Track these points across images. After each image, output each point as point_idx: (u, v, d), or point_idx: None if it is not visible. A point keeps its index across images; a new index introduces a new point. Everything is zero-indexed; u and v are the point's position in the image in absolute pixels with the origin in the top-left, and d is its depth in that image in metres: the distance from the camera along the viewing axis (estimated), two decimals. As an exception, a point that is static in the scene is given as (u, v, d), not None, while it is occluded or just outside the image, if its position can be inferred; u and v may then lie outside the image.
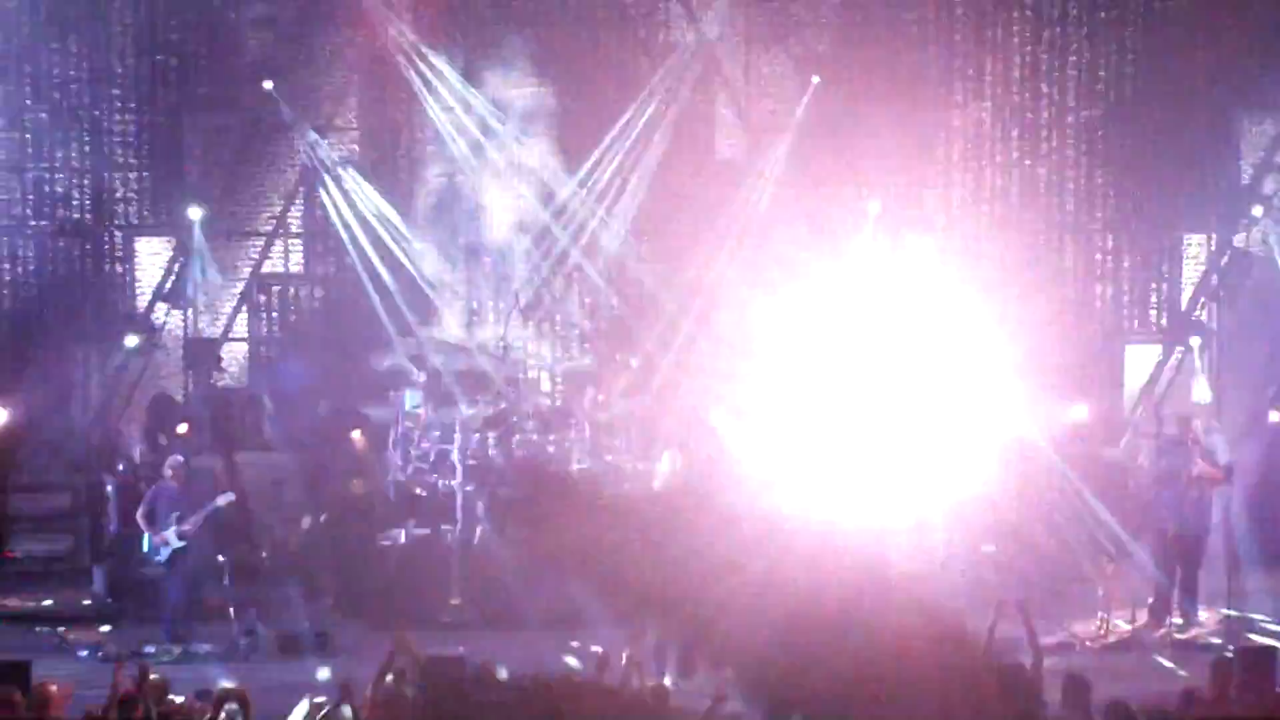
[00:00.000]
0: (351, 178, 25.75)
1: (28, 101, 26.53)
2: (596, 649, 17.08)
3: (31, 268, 26.50)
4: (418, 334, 25.01)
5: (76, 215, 26.86)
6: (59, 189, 26.70)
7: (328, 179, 25.99)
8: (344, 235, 25.75)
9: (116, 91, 26.69)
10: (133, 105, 26.82)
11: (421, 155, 26.28)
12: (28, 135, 26.45)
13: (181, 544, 21.01)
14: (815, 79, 26.51)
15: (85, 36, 26.43)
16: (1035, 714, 13.88)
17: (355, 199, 25.57)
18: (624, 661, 15.38)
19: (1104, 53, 27.20)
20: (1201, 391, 25.79)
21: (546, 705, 13.33)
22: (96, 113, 26.70)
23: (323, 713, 14.81)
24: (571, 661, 17.73)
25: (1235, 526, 22.47)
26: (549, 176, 25.73)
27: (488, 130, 25.69)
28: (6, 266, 26.55)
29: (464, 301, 25.47)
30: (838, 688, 9.15)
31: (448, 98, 25.67)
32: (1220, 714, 14.46)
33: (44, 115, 26.53)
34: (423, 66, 26.13)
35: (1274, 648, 17.09)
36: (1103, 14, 27.05)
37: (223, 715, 14.00)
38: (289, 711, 15.38)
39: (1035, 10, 27.38)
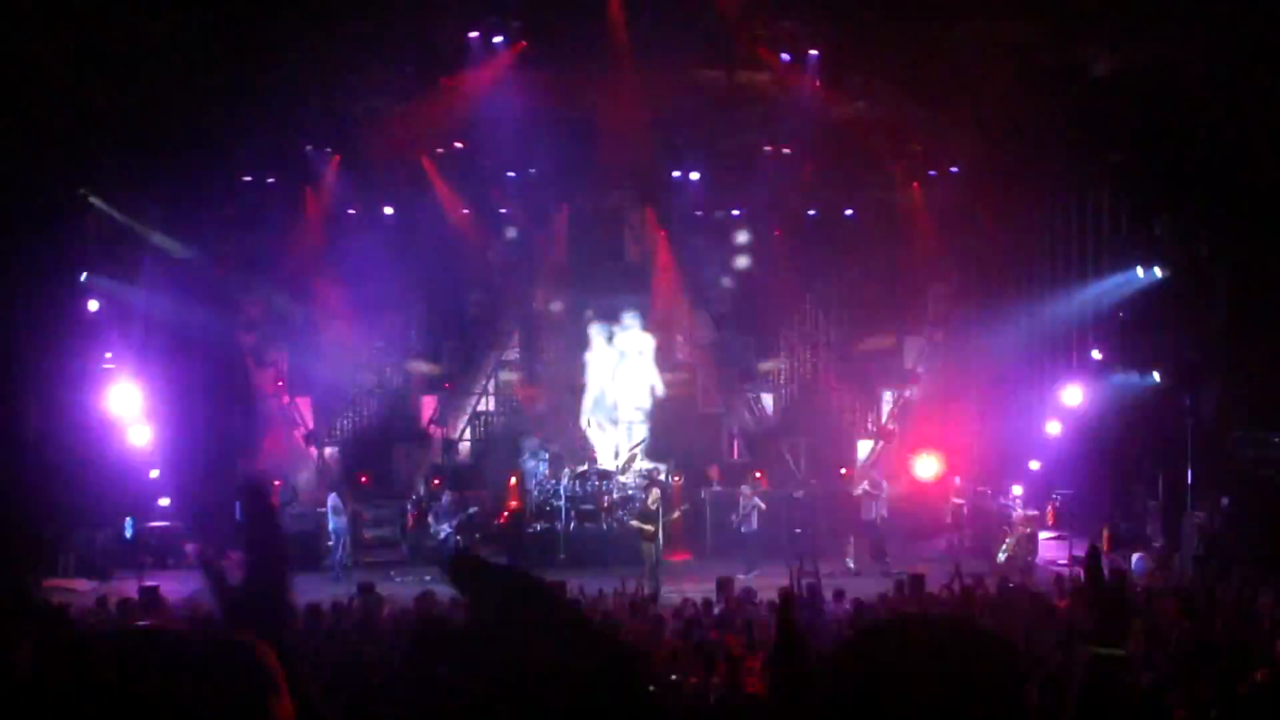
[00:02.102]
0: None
1: (375, 336, 26.48)
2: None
3: (375, 410, 26.44)
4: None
5: (397, 383, 26.88)
6: (388, 373, 26.71)
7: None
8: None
9: (413, 330, 26.81)
10: (419, 334, 26.80)
11: (566, 365, 25.67)
12: (375, 350, 26.55)
13: (450, 530, 21.24)
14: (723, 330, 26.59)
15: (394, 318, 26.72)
16: (820, 607, 14.08)
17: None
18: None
19: (837, 311, 27.19)
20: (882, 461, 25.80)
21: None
22: (405, 343, 26.73)
23: None
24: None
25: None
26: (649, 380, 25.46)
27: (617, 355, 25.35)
28: (365, 410, 26.54)
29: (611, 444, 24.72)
30: None
31: (595, 344, 25.25)
32: (899, 606, 14.65)
33: (381, 344, 26.60)
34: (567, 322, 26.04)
35: (921, 575, 17.26)
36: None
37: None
38: None
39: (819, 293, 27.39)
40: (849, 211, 25.75)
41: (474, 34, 21.43)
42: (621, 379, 24.97)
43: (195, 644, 1.99)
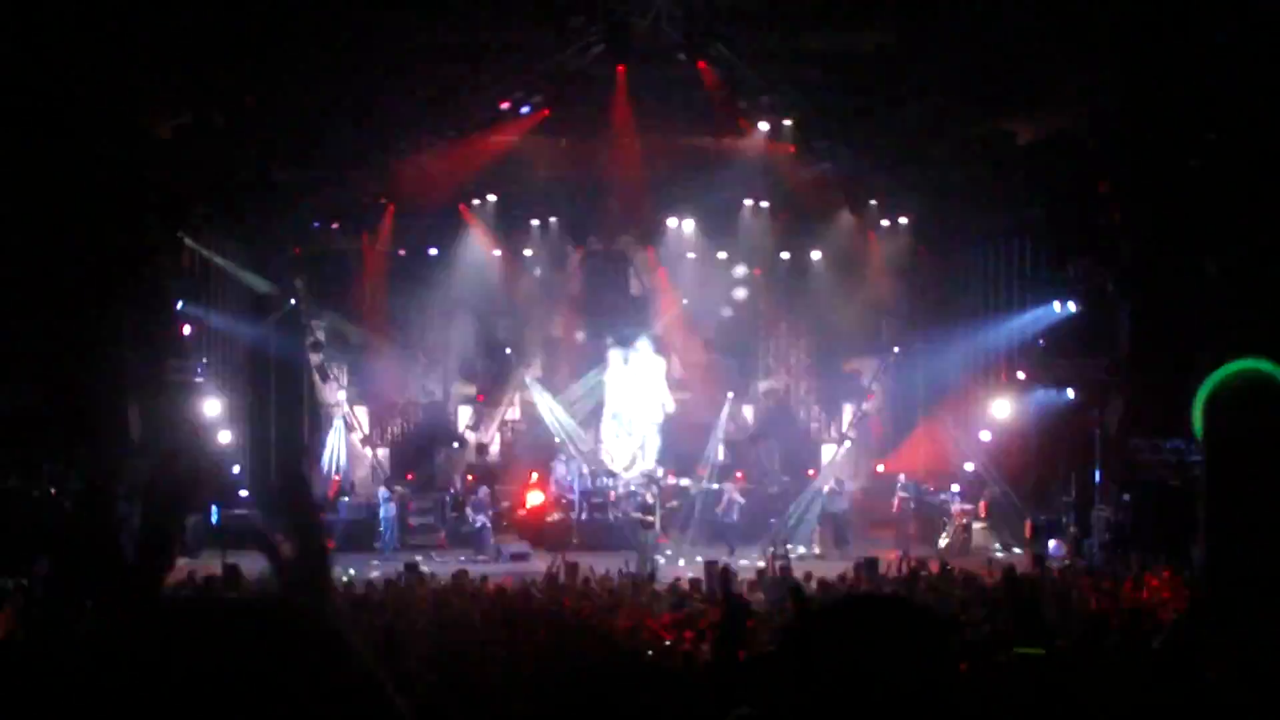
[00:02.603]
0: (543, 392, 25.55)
1: (420, 355, 26.43)
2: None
3: (420, 418, 26.16)
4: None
5: (439, 396, 26.75)
6: (432, 388, 26.71)
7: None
8: (542, 414, 25.32)
9: (452, 351, 26.52)
10: (456, 354, 26.57)
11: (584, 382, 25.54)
12: (420, 367, 26.51)
13: (485, 520, 21.27)
14: (711, 353, 26.55)
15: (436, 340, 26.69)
16: (792, 579, 14.12)
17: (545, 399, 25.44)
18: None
19: (805, 337, 27.33)
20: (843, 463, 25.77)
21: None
22: (444, 361, 26.50)
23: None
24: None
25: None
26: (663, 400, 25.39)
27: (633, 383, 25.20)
28: (411, 418, 26.38)
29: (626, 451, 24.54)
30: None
31: (613, 365, 25.22)
32: (856, 584, 14.76)
33: (425, 362, 26.49)
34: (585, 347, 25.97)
35: (875, 558, 17.37)
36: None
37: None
38: (522, 576, 15.60)
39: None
40: (816, 255, 25.84)
41: (505, 104, 21.58)
42: (636, 396, 24.86)
43: (258, 610, 1.87)
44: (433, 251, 25.25)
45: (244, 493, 22.49)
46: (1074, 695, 7.21)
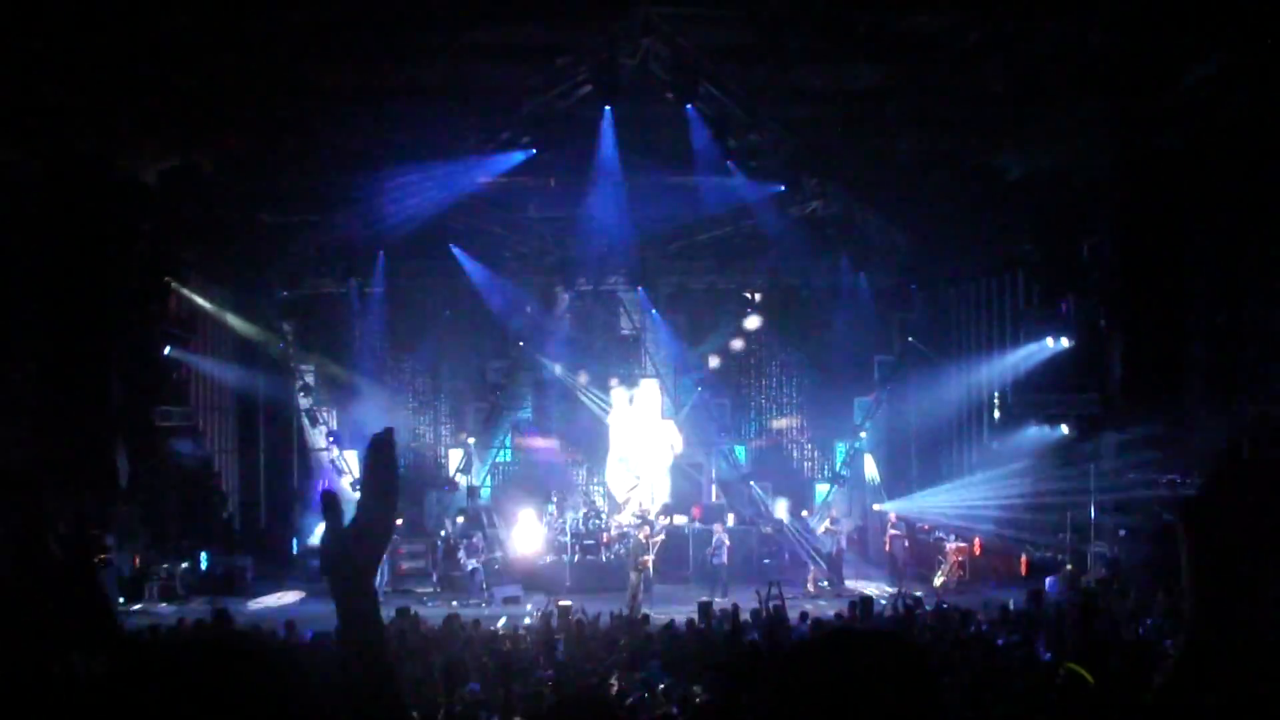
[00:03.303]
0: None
1: (410, 399, 26.60)
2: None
3: (410, 460, 26.14)
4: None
5: (430, 440, 26.82)
6: (423, 433, 26.76)
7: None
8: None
9: (443, 399, 26.84)
10: (446, 397, 26.85)
11: (579, 425, 25.63)
12: (410, 411, 26.61)
13: (477, 566, 21.15)
14: (699, 389, 26.54)
15: (426, 383, 26.68)
16: (786, 625, 14.02)
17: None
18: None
19: (797, 376, 27.37)
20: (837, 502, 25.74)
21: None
22: (435, 404, 26.72)
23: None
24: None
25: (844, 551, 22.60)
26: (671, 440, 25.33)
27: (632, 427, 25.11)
28: (401, 461, 26.02)
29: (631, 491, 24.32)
30: None
31: (618, 414, 25.13)
32: (851, 624, 14.64)
33: (415, 403, 26.68)
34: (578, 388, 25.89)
35: (871, 596, 17.32)
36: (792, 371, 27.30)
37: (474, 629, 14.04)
38: (515, 619, 15.49)
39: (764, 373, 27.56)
40: (806, 292, 25.93)
41: (491, 144, 21.70)
42: (642, 437, 24.68)
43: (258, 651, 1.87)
44: (421, 294, 25.29)
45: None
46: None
